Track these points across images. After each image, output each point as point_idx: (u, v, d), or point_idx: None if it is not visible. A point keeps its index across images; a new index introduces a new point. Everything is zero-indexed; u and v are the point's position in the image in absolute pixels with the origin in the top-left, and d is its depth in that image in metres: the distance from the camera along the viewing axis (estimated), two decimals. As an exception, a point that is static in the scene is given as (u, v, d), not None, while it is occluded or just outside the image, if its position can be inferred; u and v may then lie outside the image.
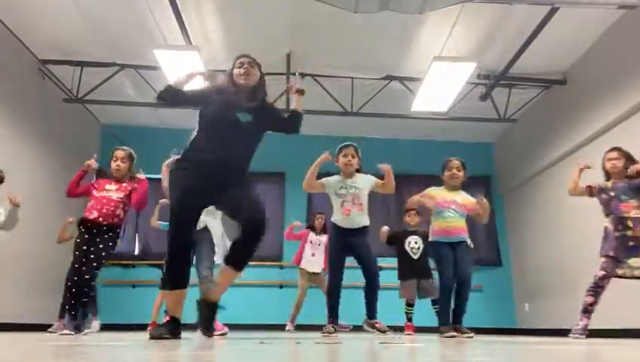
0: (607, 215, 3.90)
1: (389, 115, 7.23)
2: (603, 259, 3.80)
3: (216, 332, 3.80)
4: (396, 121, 7.49)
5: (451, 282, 4.00)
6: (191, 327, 3.18)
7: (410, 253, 5.06)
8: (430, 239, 4.25)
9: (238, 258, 2.83)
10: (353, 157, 4.08)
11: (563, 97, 6.68)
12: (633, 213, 3.74)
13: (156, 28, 5.66)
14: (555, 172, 6.84)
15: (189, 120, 9.07)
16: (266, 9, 5.50)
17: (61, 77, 6.76)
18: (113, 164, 4.08)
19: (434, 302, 5.04)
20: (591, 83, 6.04)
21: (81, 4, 5.41)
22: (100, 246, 3.79)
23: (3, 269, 5.51)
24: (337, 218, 4.06)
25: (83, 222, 3.94)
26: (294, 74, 6.32)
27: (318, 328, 5.78)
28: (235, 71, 3.05)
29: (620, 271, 3.73)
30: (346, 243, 4.02)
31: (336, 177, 4.11)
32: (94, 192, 4.03)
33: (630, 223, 3.72)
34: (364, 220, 4.04)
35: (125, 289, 7.52)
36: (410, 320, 5.21)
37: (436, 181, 4.42)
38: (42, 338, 2.99)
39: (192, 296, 3.96)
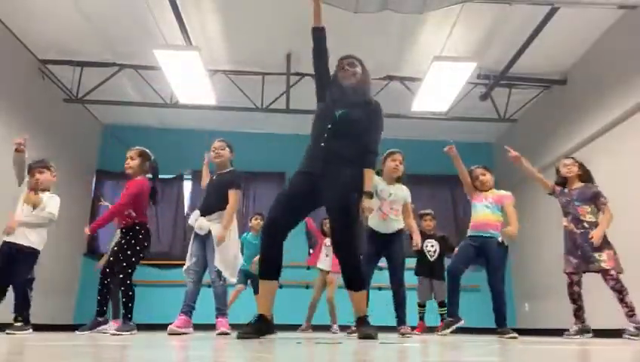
0: (565, 214, 4.31)
1: (389, 115, 7.18)
2: (571, 259, 4.17)
3: (218, 331, 3.81)
4: (396, 121, 7.48)
5: (456, 269, 3.96)
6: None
7: (427, 255, 5.38)
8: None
9: (345, 279, 2.92)
10: (400, 163, 4.02)
11: (563, 97, 6.68)
12: (587, 218, 4.19)
13: (156, 28, 5.66)
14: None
15: (189, 120, 8.98)
16: (266, 9, 5.50)
17: (61, 77, 6.76)
18: (125, 164, 4.21)
19: (440, 305, 5.17)
20: (591, 83, 6.04)
21: (81, 4, 5.41)
22: (124, 246, 3.97)
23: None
24: (373, 222, 3.94)
25: None
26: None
27: (323, 328, 5.81)
28: (339, 74, 3.17)
29: (591, 266, 4.05)
30: (379, 251, 3.95)
31: (378, 177, 3.97)
32: None
33: (586, 225, 4.16)
34: (399, 224, 4.02)
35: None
36: (421, 319, 5.42)
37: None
38: (47, 339, 2.99)
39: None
